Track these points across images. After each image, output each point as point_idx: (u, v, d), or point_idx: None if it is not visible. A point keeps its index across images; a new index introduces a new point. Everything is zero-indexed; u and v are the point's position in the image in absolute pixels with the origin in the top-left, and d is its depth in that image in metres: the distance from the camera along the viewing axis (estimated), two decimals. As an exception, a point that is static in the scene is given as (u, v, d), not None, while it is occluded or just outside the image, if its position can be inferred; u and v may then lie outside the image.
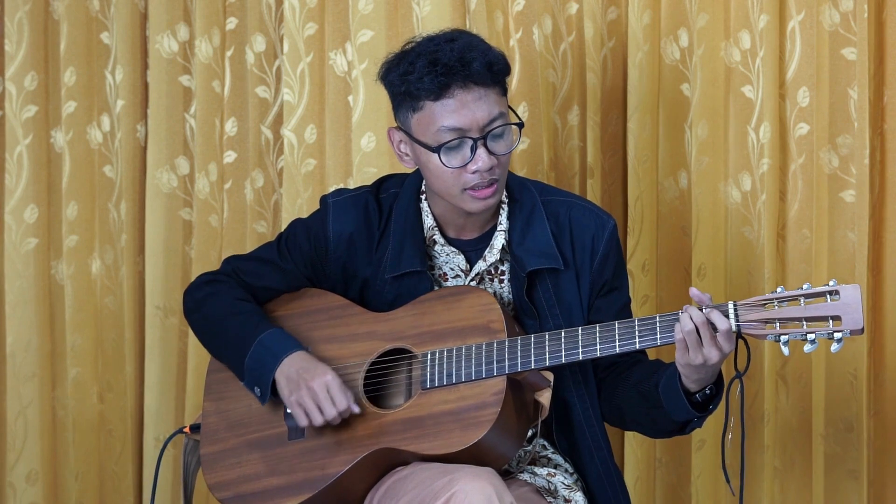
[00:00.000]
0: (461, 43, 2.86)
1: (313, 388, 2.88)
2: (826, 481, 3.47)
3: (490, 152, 2.86)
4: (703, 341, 2.72)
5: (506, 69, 2.90)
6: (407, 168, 3.00)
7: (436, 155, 2.86)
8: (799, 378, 3.51)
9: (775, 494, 3.52)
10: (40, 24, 3.85)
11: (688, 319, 2.72)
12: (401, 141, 2.95)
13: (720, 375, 2.84)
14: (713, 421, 3.51)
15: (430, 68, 2.83)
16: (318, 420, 2.88)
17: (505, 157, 2.90)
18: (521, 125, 2.93)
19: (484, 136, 2.86)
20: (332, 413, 2.87)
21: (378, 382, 2.95)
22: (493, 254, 2.98)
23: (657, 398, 2.86)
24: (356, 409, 2.89)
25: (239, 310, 3.02)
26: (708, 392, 2.83)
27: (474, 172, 2.86)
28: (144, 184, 3.85)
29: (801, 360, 3.49)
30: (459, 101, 2.84)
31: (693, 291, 2.75)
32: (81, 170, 3.87)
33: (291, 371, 2.91)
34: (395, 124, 2.96)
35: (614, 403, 2.99)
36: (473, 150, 2.86)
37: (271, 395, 2.94)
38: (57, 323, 3.90)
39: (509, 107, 2.91)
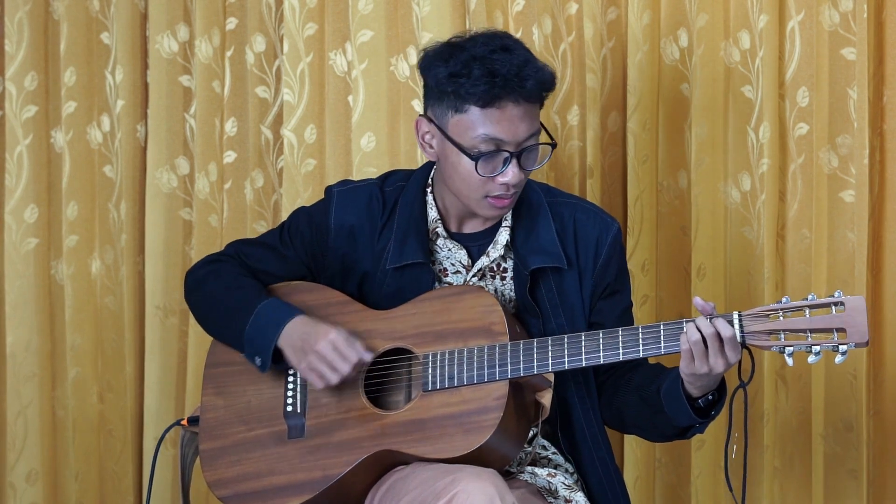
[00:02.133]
0: (519, 57, 2.83)
1: (320, 350, 2.87)
2: (826, 481, 3.47)
3: (521, 167, 2.86)
4: (709, 352, 2.72)
5: (553, 87, 2.89)
6: (425, 159, 2.99)
7: (469, 160, 2.85)
8: (798, 378, 3.51)
9: (775, 494, 3.52)
10: (40, 24, 3.85)
11: (694, 329, 2.72)
12: (427, 132, 2.93)
13: (723, 381, 2.84)
14: (714, 424, 3.51)
15: (489, 78, 2.80)
16: (334, 380, 2.87)
17: (530, 171, 2.90)
18: (553, 145, 2.93)
19: (519, 152, 2.86)
20: (345, 369, 2.87)
21: (378, 382, 2.95)
22: (496, 249, 2.98)
23: (658, 403, 2.86)
24: (368, 358, 2.88)
25: (239, 284, 3.02)
26: (710, 398, 2.84)
27: (502, 184, 2.87)
28: (144, 184, 3.85)
29: (801, 360, 3.49)
30: (507, 115, 2.83)
31: (697, 301, 2.74)
32: (81, 170, 3.87)
33: (294, 338, 2.90)
34: (425, 114, 2.93)
35: (615, 407, 2.99)
36: (506, 163, 2.85)
37: (272, 364, 2.93)
38: (57, 323, 3.90)
39: (541, 125, 2.90)
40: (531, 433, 2.97)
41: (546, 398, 2.89)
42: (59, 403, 3.91)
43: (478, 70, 2.82)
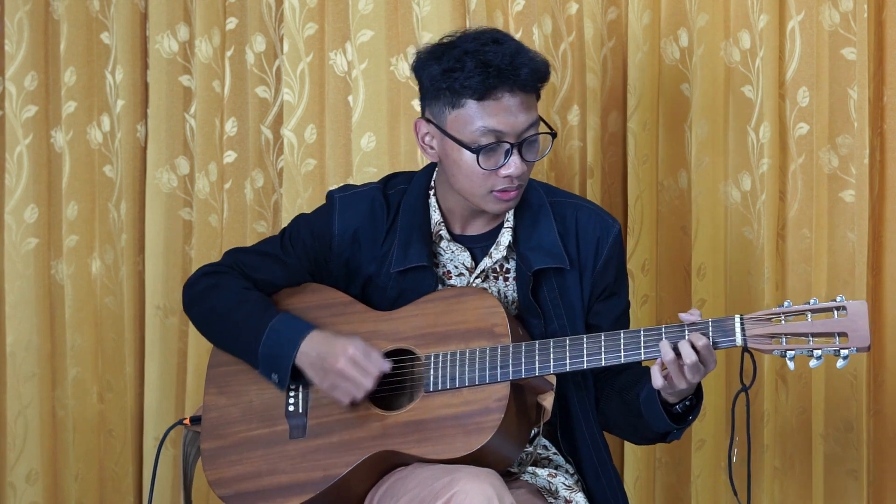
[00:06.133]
0: (510, 47, 2.85)
1: (341, 369, 2.86)
2: (826, 481, 3.48)
3: (523, 159, 2.87)
4: (685, 368, 2.73)
5: (548, 77, 2.90)
6: (425, 160, 2.99)
7: (470, 154, 2.86)
8: (799, 378, 3.51)
9: (775, 494, 3.53)
10: (40, 24, 3.85)
11: (667, 348, 2.73)
12: (427, 133, 2.94)
13: (699, 386, 2.84)
14: (713, 423, 3.53)
15: (482, 69, 2.82)
16: (360, 396, 2.88)
17: (533, 163, 2.91)
18: (554, 135, 2.93)
19: (520, 143, 2.86)
20: (368, 384, 2.87)
21: (381, 382, 2.94)
22: (499, 250, 2.98)
23: (638, 407, 2.88)
24: (387, 367, 2.88)
25: (244, 298, 3.01)
26: (688, 403, 2.85)
27: (505, 177, 2.87)
28: (144, 184, 3.85)
29: (802, 361, 3.49)
30: (503, 106, 2.84)
31: (681, 316, 2.76)
32: (81, 170, 3.87)
33: (313, 357, 2.90)
34: (424, 116, 2.94)
35: (600, 409, 3.01)
36: (508, 154, 2.86)
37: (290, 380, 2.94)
38: (57, 323, 3.90)
39: (539, 116, 2.91)
40: (532, 433, 2.97)
41: (548, 400, 2.89)
42: (59, 403, 3.91)
43: (471, 63, 2.83)
